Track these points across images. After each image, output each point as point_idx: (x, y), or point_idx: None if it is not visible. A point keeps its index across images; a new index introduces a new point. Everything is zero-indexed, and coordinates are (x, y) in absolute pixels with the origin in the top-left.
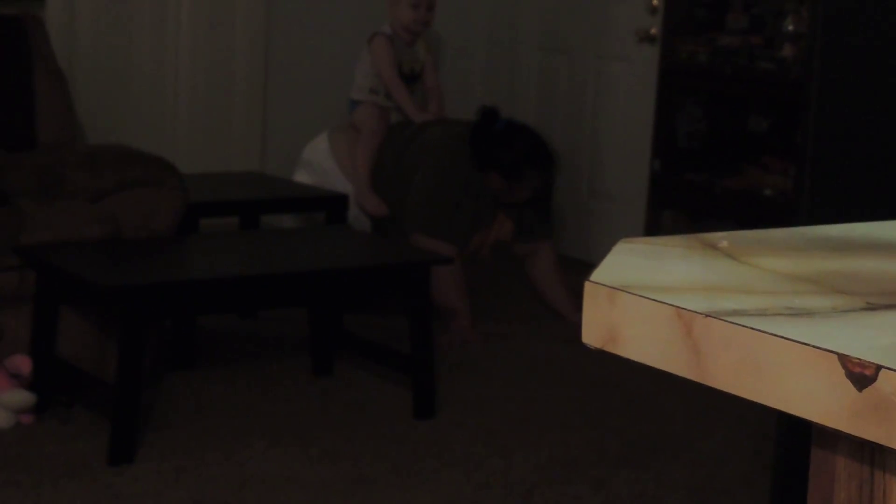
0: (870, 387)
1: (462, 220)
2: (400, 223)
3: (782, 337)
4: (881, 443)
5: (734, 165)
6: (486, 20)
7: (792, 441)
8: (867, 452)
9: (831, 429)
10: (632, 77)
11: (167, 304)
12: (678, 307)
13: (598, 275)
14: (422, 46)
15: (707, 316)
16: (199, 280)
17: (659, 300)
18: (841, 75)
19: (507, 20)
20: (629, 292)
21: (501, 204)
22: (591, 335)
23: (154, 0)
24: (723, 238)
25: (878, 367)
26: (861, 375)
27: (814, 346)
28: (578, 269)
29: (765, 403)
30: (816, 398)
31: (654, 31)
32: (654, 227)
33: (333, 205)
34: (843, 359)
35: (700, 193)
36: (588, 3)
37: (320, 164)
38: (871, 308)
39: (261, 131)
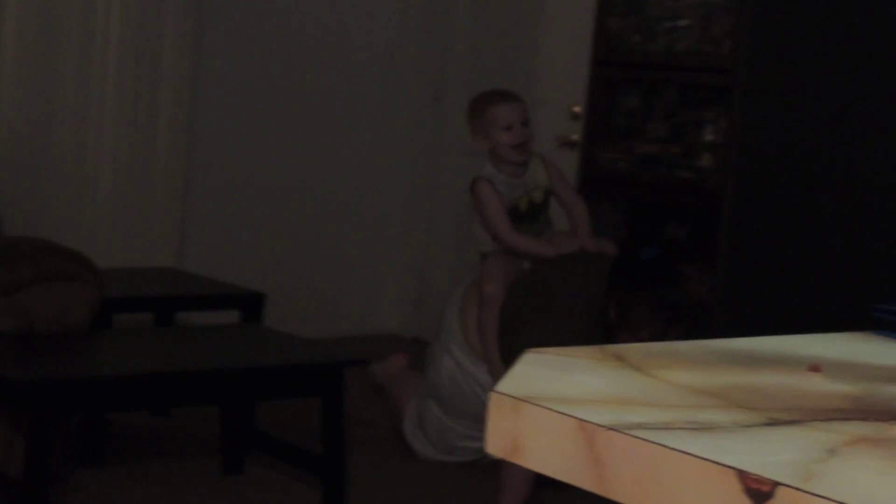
0: (766, 503)
1: None
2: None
3: (683, 451)
4: None
5: None
6: (407, 128)
7: None
8: None
9: None
10: None
11: (77, 401)
12: (581, 419)
13: (503, 385)
14: (537, 167)
15: (609, 429)
16: (109, 377)
17: (562, 412)
18: (756, 185)
19: (428, 121)
20: (533, 403)
21: None
22: (495, 445)
23: (76, 91)
24: (630, 350)
25: (775, 484)
26: (758, 492)
27: (713, 462)
28: None
29: None
30: None
31: (574, 137)
32: None
33: (248, 303)
34: (742, 475)
35: None
36: None
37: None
38: (773, 423)
39: (179, 227)
